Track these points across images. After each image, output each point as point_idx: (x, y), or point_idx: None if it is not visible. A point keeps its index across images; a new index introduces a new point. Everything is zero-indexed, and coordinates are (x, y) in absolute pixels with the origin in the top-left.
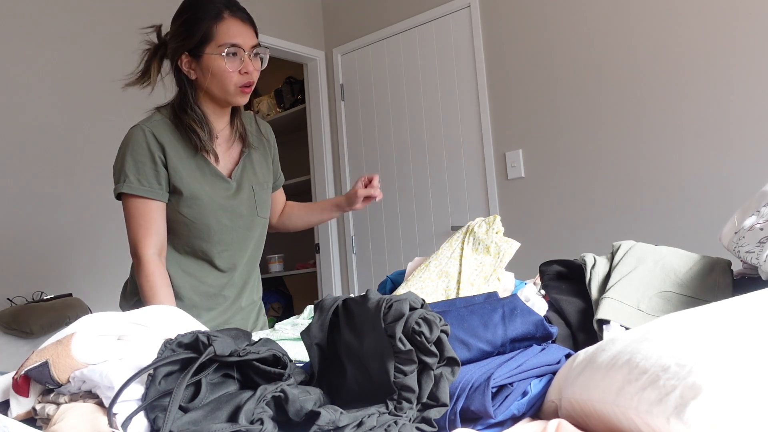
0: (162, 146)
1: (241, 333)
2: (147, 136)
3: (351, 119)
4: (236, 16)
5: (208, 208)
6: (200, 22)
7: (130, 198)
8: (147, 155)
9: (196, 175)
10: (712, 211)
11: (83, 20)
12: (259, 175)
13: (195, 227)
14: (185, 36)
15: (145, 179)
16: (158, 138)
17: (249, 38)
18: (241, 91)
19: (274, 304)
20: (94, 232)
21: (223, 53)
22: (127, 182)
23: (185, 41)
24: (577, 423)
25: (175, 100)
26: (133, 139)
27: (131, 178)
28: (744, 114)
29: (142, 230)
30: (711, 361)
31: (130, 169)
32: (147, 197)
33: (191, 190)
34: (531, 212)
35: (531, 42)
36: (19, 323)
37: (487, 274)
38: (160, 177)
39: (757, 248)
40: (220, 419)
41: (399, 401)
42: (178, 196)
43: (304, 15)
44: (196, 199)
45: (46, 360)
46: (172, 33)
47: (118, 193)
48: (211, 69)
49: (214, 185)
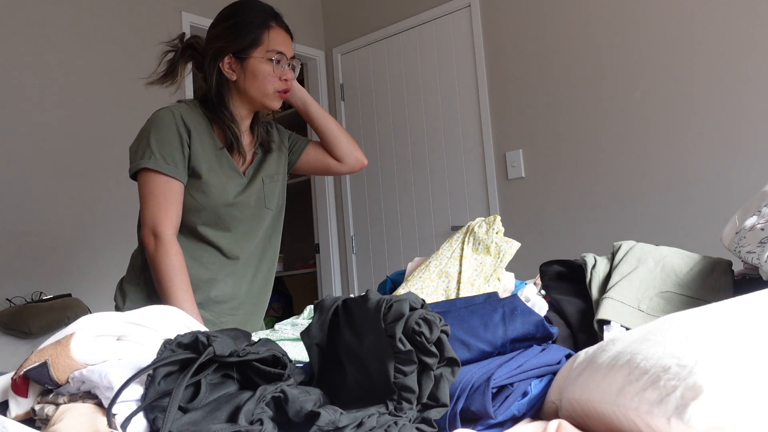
0: (188, 129)
1: (241, 333)
2: (176, 117)
3: (351, 119)
4: (282, 27)
5: (219, 196)
6: (251, 27)
7: (152, 174)
8: (175, 135)
9: (213, 165)
10: (712, 211)
11: (84, 20)
12: (271, 167)
13: (206, 213)
14: (233, 38)
15: (170, 158)
16: (185, 121)
17: (290, 49)
18: (279, 95)
19: (274, 304)
20: (94, 232)
21: (271, 58)
22: (153, 159)
23: (232, 43)
24: (577, 423)
25: (209, 97)
26: (161, 118)
27: (157, 155)
28: (745, 114)
29: (163, 209)
30: (712, 362)
31: (155, 146)
32: (171, 176)
33: (207, 176)
34: (531, 212)
35: (531, 42)
36: (18, 323)
37: (487, 275)
38: (185, 159)
39: (757, 248)
40: (219, 420)
41: (399, 401)
42: (194, 180)
43: (304, 15)
44: (210, 186)
45: (45, 360)
46: (217, 34)
47: (139, 168)
48: (255, 72)
49: (229, 177)
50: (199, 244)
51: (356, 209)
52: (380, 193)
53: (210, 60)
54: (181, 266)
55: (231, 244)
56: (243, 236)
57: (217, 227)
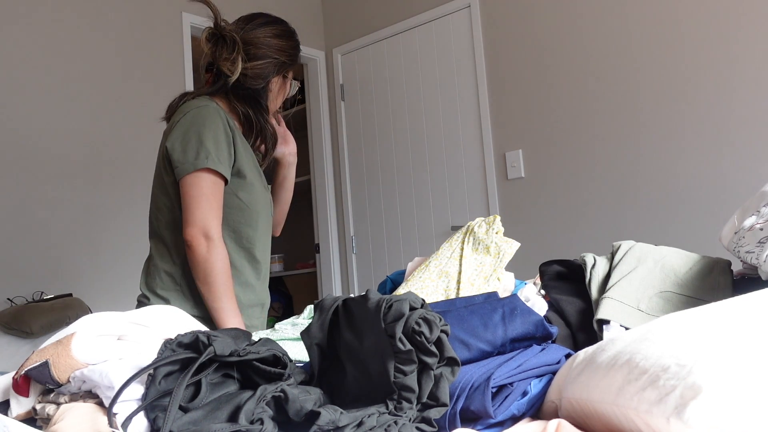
0: (232, 128)
1: (241, 333)
2: (222, 116)
3: (351, 119)
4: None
5: (260, 196)
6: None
7: (207, 174)
8: (224, 135)
9: (251, 165)
10: (711, 211)
11: (84, 20)
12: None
13: (248, 213)
14: (295, 58)
15: (223, 158)
16: (228, 120)
17: None
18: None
19: (274, 304)
20: (94, 232)
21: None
22: (211, 158)
23: (292, 61)
24: (577, 423)
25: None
26: (210, 116)
27: (213, 154)
28: (743, 114)
29: (215, 210)
30: (711, 361)
31: (210, 144)
32: (222, 176)
33: (252, 175)
34: (531, 212)
35: (531, 42)
36: (19, 323)
37: (487, 274)
38: (231, 159)
39: (757, 248)
40: (220, 419)
41: (399, 401)
42: (239, 180)
43: (304, 15)
44: (253, 185)
45: (46, 360)
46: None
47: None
48: (284, 92)
49: (261, 176)
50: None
51: (356, 209)
52: (380, 193)
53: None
54: (230, 269)
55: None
56: (266, 239)
57: (256, 228)
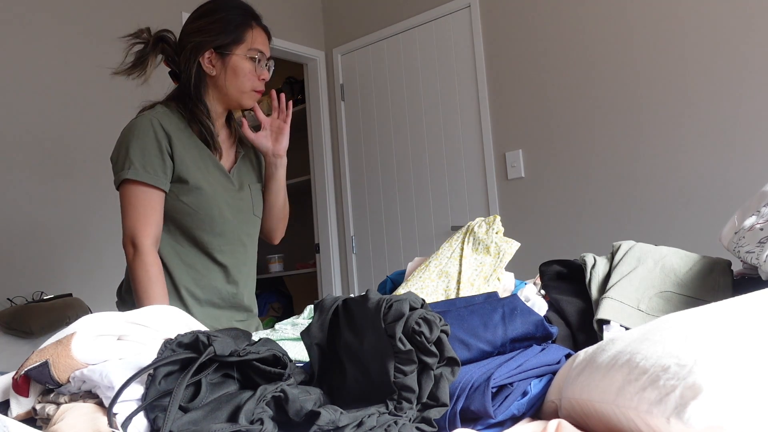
0: (168, 135)
1: (241, 333)
2: (154, 125)
3: (351, 119)
4: (263, 28)
5: (211, 199)
6: (234, 24)
7: (132, 185)
8: (154, 143)
9: (200, 166)
10: (712, 211)
11: (84, 20)
12: (253, 175)
13: (198, 217)
14: (216, 34)
15: (150, 167)
16: (165, 127)
17: (268, 49)
18: (255, 93)
19: (274, 304)
20: (94, 232)
21: (253, 57)
22: (132, 168)
23: (215, 38)
24: (577, 423)
25: (185, 91)
26: (139, 127)
27: (137, 164)
28: (744, 114)
29: (142, 219)
30: (711, 361)
31: (135, 156)
32: (151, 185)
33: (196, 179)
34: (531, 212)
35: (531, 42)
36: (19, 323)
37: (487, 274)
38: (166, 167)
39: (757, 248)
40: (220, 419)
41: (399, 401)
42: (181, 185)
43: (304, 15)
44: (200, 189)
45: (46, 360)
46: (198, 28)
47: (122, 179)
48: (236, 69)
49: (218, 178)
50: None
51: (356, 209)
52: (380, 193)
53: (189, 53)
54: (158, 277)
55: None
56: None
57: (211, 231)
